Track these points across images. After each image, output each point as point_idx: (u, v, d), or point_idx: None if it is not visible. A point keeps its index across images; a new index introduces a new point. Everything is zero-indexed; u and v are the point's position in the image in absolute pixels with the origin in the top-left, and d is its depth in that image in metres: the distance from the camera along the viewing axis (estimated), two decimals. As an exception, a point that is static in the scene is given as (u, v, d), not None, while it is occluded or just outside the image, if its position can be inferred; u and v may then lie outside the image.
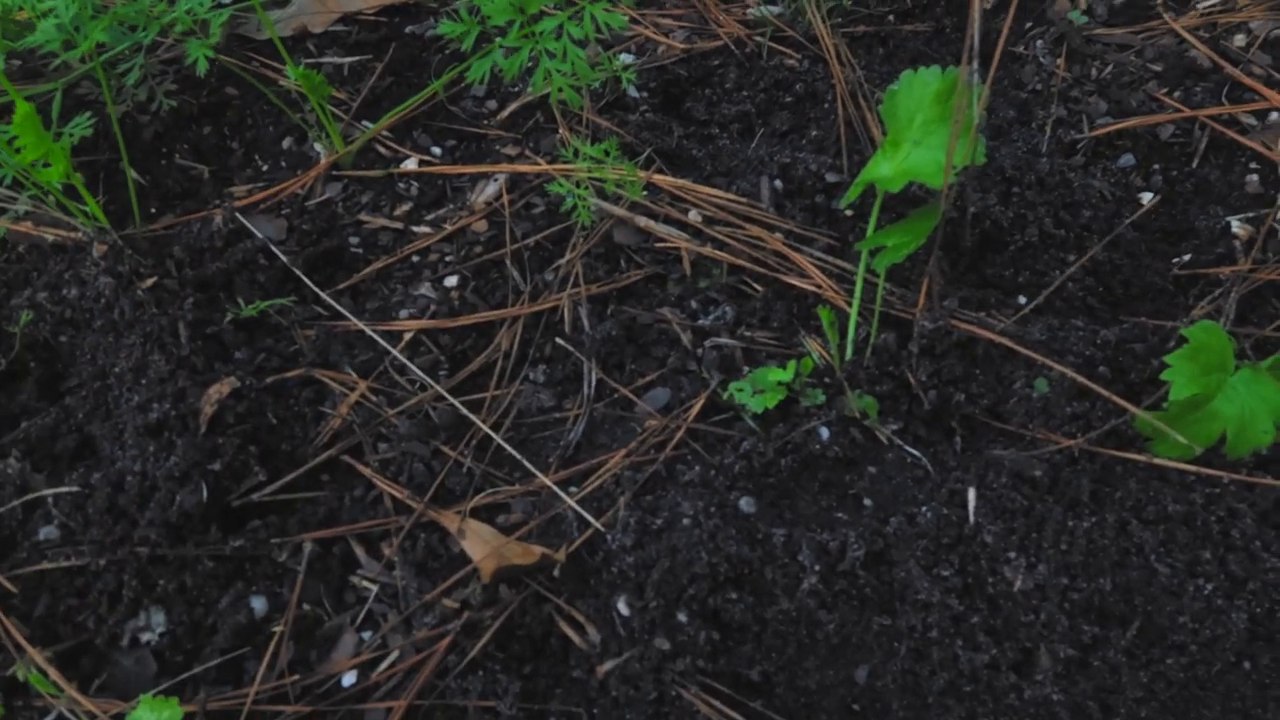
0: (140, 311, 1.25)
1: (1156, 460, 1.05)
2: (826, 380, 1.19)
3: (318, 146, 1.54)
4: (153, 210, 1.50)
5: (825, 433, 1.14)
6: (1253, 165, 1.43)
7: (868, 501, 1.11)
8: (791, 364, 1.18)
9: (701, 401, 1.19)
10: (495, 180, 1.48)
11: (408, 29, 1.73)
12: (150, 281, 1.29)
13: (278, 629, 1.06)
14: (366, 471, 1.17)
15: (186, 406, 1.15)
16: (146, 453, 1.11)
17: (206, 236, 1.38)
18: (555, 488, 1.13)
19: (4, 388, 1.27)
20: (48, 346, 1.30)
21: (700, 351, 1.25)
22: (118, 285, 1.27)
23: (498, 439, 1.19)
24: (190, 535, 1.08)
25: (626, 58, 1.65)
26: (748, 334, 1.26)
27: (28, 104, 1.19)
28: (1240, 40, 1.59)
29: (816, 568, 1.01)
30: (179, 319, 1.24)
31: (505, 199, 1.44)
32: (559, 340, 1.29)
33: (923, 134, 1.18)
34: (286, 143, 1.57)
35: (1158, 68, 1.56)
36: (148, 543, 1.06)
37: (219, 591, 1.07)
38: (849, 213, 1.37)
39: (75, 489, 1.09)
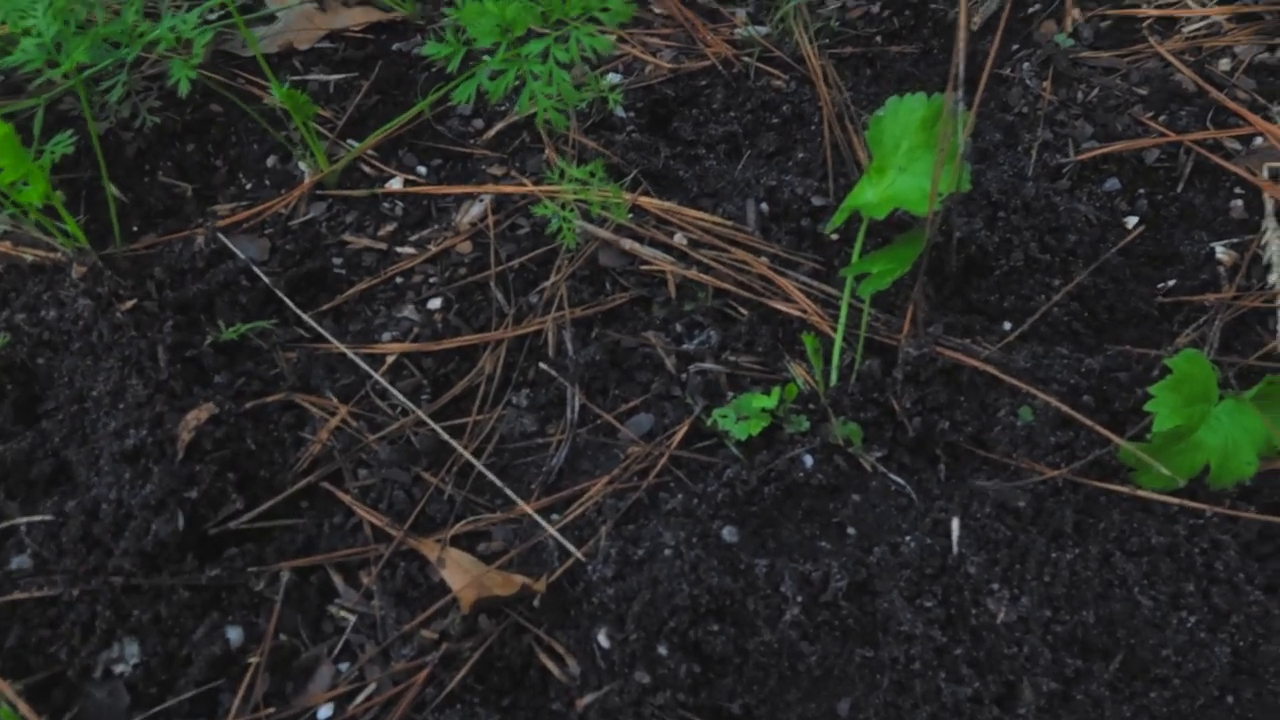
0: (119, 334, 1.24)
1: (1140, 491, 1.05)
2: (811, 407, 1.18)
3: (302, 165, 1.53)
4: (135, 229, 1.49)
5: (809, 460, 1.13)
6: (1237, 190, 1.43)
7: (851, 530, 1.10)
8: (775, 390, 1.17)
9: (685, 428, 1.19)
10: (481, 201, 1.47)
11: (395, 46, 1.72)
12: (130, 303, 1.27)
13: (253, 660, 1.04)
14: (346, 498, 1.15)
15: (164, 432, 1.14)
16: (122, 480, 1.10)
17: (188, 257, 1.37)
18: (536, 516, 1.12)
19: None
20: (25, 369, 1.28)
21: (684, 376, 1.25)
22: (96, 307, 1.26)
23: (479, 465, 1.18)
24: (166, 564, 1.07)
25: (614, 77, 1.64)
26: (732, 359, 1.26)
27: (7, 124, 1.18)
28: (1225, 64, 1.59)
29: (799, 598, 1.01)
30: (158, 342, 1.23)
31: (490, 220, 1.44)
32: (542, 364, 1.28)
33: (908, 160, 1.18)
34: (271, 161, 1.56)
35: (1143, 91, 1.57)
36: (122, 572, 1.05)
37: (194, 622, 1.06)
38: (835, 237, 1.36)
39: (49, 517, 1.08)
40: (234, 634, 1.06)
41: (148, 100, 1.59)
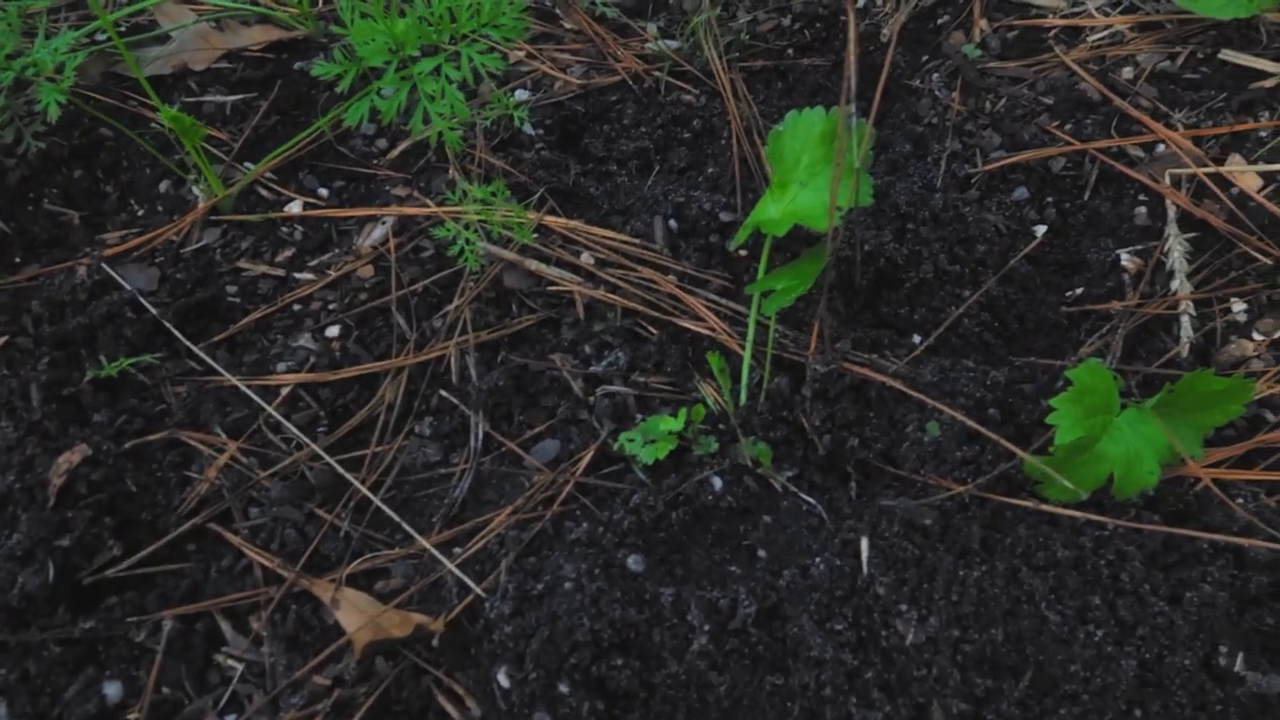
0: (-11, 373, 1.17)
1: (1045, 505, 1.04)
2: (720, 427, 1.15)
3: (196, 190, 1.47)
4: (17, 260, 1.42)
5: (718, 482, 1.10)
6: (1141, 197, 1.44)
7: (762, 553, 1.07)
8: (683, 412, 1.14)
9: (591, 453, 1.15)
10: (383, 223, 1.43)
11: (295, 65, 1.67)
12: (1, 340, 1.20)
13: (133, 716, 0.98)
14: (235, 539, 1.10)
15: (34, 477, 1.07)
16: (-13, 530, 1.03)
17: (68, 289, 1.30)
18: (435, 551, 1.08)
19: None
20: (-110, 412, 1.20)
21: (592, 400, 1.21)
22: (-35, 345, 1.19)
23: (376, 500, 1.13)
24: (34, 619, 1.00)
25: (522, 94, 1.61)
26: (641, 380, 1.23)
27: None
28: (1128, 73, 1.61)
29: (706, 627, 0.97)
30: (31, 380, 1.16)
31: (392, 242, 1.39)
32: (445, 392, 1.24)
33: (809, 175, 1.16)
34: (164, 186, 1.50)
35: (1049, 101, 1.58)
36: (-14, 629, 0.98)
37: (67, 679, 0.99)
38: (743, 253, 1.34)
39: (-96, 573, 1.01)
40: (111, 689, 1.00)
41: (32, 125, 1.52)
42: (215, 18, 1.72)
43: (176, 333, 1.28)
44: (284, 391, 1.23)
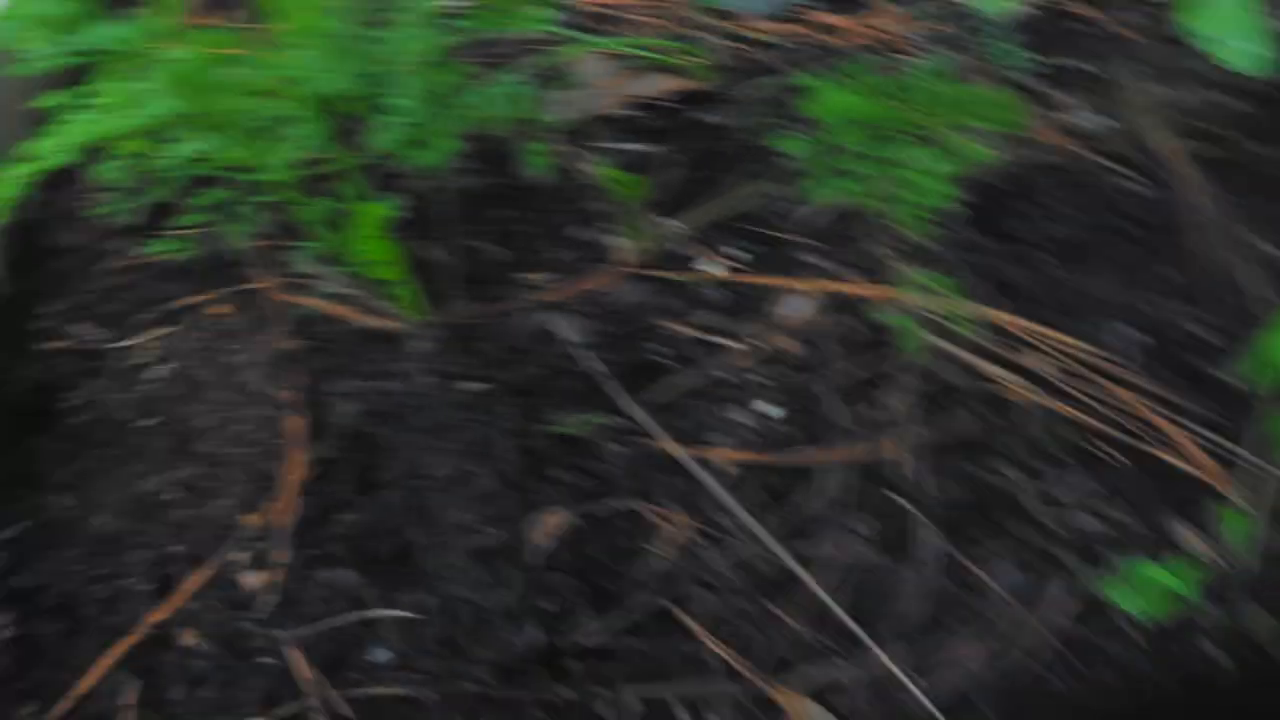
0: (460, 415, 1.23)
1: None
2: (1212, 586, 1.05)
3: (619, 242, 1.50)
4: (456, 297, 1.49)
5: (1216, 653, 1.00)
6: None
7: (1272, 743, 0.96)
8: (1178, 564, 1.05)
9: (1063, 592, 1.07)
10: (807, 296, 1.40)
11: (698, 117, 1.68)
12: (471, 385, 1.27)
13: (603, 795, 1.00)
14: (692, 624, 1.10)
15: (514, 533, 1.11)
16: (477, 581, 1.08)
17: (518, 336, 1.35)
18: (902, 674, 1.03)
19: (323, 476, 1.27)
20: (361, 437, 1.29)
21: (1052, 526, 1.13)
22: (440, 385, 1.26)
23: (831, 604, 1.11)
24: (519, 678, 1.04)
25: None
26: (1109, 512, 1.14)
27: (382, 207, 1.18)
28: None
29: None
30: (502, 429, 1.21)
31: (820, 319, 1.36)
32: (887, 491, 1.20)
33: (1357, 317, 1.03)
34: (585, 234, 1.54)
35: None
36: (481, 681, 1.02)
37: (544, 743, 1.03)
38: (1237, 383, 1.22)
39: (411, 614, 1.07)
40: (582, 760, 1.02)
41: (455, 162, 1.59)
42: (620, 65, 1.76)
43: (617, 391, 1.30)
44: (726, 468, 1.23)
